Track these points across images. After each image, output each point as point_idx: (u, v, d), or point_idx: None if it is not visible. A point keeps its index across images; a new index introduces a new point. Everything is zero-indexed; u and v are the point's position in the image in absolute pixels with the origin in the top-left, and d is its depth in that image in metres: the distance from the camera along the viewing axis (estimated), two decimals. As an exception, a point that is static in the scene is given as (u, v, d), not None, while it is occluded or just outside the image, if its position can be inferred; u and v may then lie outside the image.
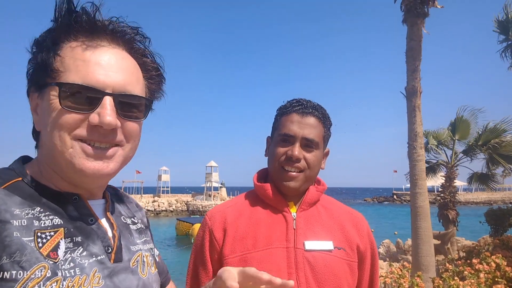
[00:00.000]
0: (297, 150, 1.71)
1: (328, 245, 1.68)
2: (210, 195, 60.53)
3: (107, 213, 1.13)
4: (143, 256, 1.16)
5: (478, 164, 15.78)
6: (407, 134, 8.97)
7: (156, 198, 64.06)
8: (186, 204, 61.37)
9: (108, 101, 0.97)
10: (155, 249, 1.31)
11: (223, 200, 59.82)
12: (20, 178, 1.01)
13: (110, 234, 1.08)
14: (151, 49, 1.13)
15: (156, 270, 1.25)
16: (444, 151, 16.37)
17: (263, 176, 1.91)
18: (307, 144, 1.73)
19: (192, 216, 48.31)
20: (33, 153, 1.13)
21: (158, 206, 60.80)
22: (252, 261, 1.62)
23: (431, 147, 15.85)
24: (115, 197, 1.26)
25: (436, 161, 16.64)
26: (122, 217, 1.20)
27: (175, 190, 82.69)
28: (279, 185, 1.76)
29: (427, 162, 14.28)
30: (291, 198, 1.78)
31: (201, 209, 56.65)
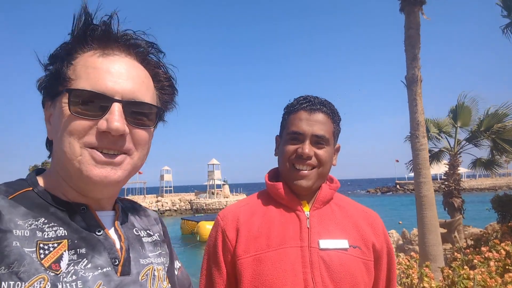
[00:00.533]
0: (307, 148, 1.68)
1: (343, 243, 1.65)
2: (213, 193, 60.62)
3: (116, 224, 1.10)
4: (154, 270, 1.12)
5: (482, 152, 15.65)
6: (408, 124, 8.88)
7: (159, 198, 64.21)
8: (189, 203, 61.46)
9: (116, 107, 0.98)
10: (177, 262, 1.30)
11: (227, 197, 60.09)
12: (31, 188, 1.01)
13: (118, 246, 1.05)
14: (164, 61, 1.15)
15: (169, 285, 1.19)
16: (446, 138, 16.30)
17: (274, 175, 1.88)
18: (317, 141, 1.70)
19: (196, 215, 48.42)
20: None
21: (162, 206, 60.94)
22: (266, 261, 1.60)
23: (432, 135, 15.78)
24: (130, 209, 1.25)
25: (438, 149, 16.58)
26: (134, 229, 1.17)
27: (178, 189, 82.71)
28: (290, 184, 1.73)
29: (429, 150, 14.19)
30: (304, 196, 1.75)
31: (204, 207, 56.74)
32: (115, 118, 0.97)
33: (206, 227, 32.38)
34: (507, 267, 6.35)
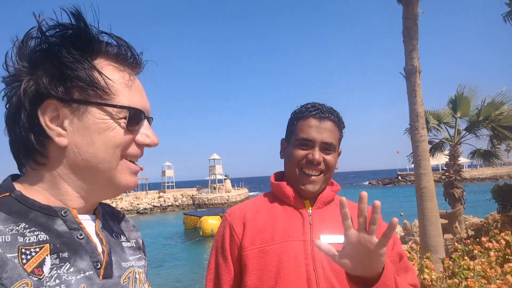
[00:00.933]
0: (317, 154, 1.77)
1: (342, 238, 1.73)
2: (215, 188, 60.69)
3: (97, 228, 1.10)
4: (136, 273, 1.14)
5: (482, 142, 15.69)
6: (408, 115, 8.87)
7: (161, 194, 64.40)
8: (191, 198, 61.53)
9: (146, 123, 1.10)
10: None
11: (228, 192, 60.19)
12: (8, 194, 0.99)
13: (100, 249, 1.05)
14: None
15: (150, 287, 1.24)
16: (447, 129, 16.29)
17: (280, 177, 1.97)
18: (326, 148, 1.79)
19: (198, 210, 48.54)
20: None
21: (164, 201, 61.16)
22: (271, 253, 1.70)
23: (432, 126, 15.77)
24: (110, 214, 1.26)
25: (439, 140, 16.58)
26: (114, 234, 1.18)
27: (180, 184, 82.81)
28: (297, 188, 1.82)
29: (429, 142, 14.19)
30: (307, 197, 1.84)
31: (207, 202, 56.97)
32: (153, 132, 1.11)
33: (208, 222, 32.44)
34: (507, 257, 6.39)
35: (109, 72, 1.04)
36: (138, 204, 58.31)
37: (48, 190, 1.02)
